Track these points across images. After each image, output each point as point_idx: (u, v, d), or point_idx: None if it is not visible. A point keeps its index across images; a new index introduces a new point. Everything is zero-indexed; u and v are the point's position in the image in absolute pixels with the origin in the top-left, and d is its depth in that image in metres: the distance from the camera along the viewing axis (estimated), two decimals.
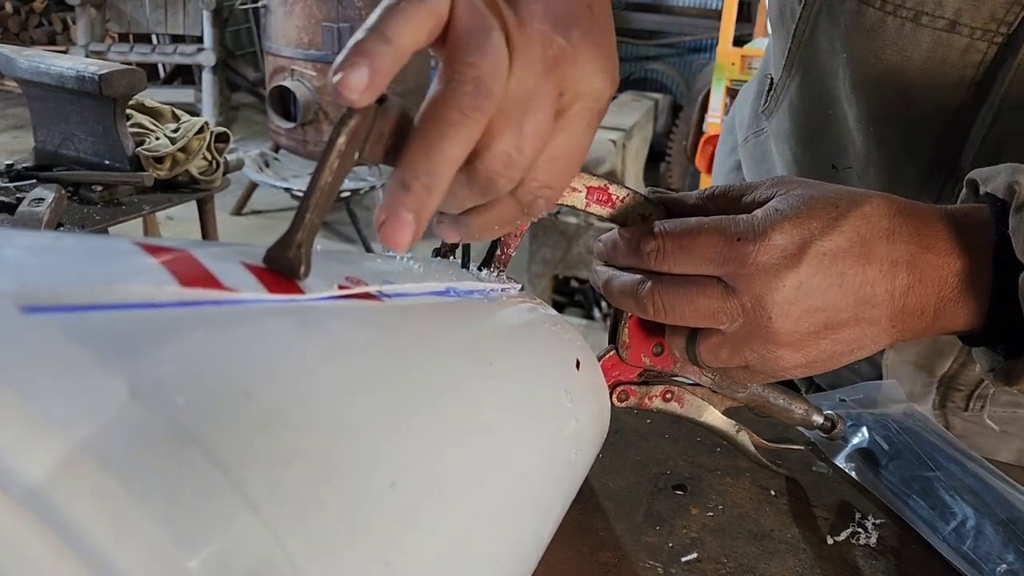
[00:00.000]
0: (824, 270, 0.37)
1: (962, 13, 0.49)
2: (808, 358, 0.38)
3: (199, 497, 0.17)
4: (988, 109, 0.50)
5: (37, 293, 0.18)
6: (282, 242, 0.26)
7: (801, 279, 0.37)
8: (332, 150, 0.27)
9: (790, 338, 0.37)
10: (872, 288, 0.37)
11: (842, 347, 0.38)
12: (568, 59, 0.31)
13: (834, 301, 0.37)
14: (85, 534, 0.15)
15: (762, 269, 0.37)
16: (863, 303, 0.37)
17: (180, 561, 0.16)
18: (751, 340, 0.38)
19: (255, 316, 0.23)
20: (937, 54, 0.50)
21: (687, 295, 0.39)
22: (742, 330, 0.38)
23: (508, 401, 0.32)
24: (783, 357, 0.38)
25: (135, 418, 0.17)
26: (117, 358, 0.18)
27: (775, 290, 0.37)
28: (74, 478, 0.15)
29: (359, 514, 0.21)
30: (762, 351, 0.38)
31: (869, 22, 0.52)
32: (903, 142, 0.55)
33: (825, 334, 0.38)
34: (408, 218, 0.27)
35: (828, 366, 0.39)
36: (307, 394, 0.22)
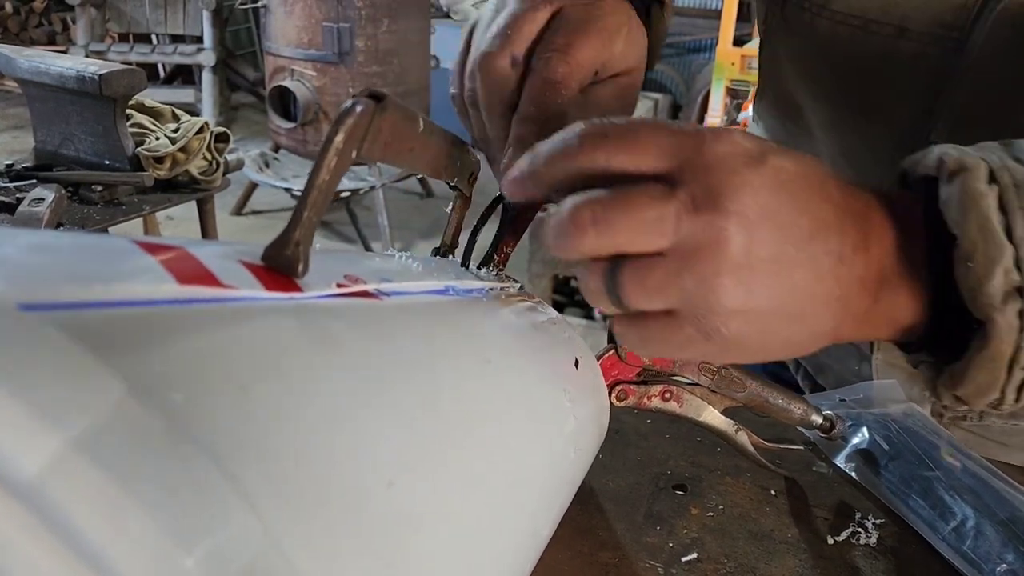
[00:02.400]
0: (786, 186, 0.31)
1: (908, 20, 0.49)
2: (750, 302, 0.31)
3: (195, 494, 0.17)
4: (944, 116, 0.51)
5: (35, 291, 0.18)
6: (280, 240, 0.26)
7: (763, 183, 0.30)
8: (330, 149, 0.27)
9: (740, 261, 0.30)
10: (827, 231, 0.32)
11: (787, 300, 0.31)
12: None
13: (792, 225, 0.31)
14: (80, 531, 0.15)
15: (721, 161, 0.30)
16: (819, 239, 0.32)
17: (176, 558, 0.16)
18: (692, 259, 0.30)
19: (253, 314, 0.23)
20: (889, 61, 0.51)
21: (625, 199, 0.31)
22: (685, 244, 0.30)
23: (506, 400, 0.32)
24: (724, 291, 0.30)
25: (131, 415, 0.17)
26: (113, 355, 0.18)
27: (734, 186, 0.30)
28: (69, 474, 0.15)
29: (356, 512, 0.21)
30: (705, 274, 0.30)
31: (821, 32, 0.53)
32: (866, 149, 0.56)
33: (777, 269, 0.31)
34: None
35: (763, 337, 0.32)
36: (304, 392, 0.22)
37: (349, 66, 2.92)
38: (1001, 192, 0.31)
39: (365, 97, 0.29)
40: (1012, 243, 0.31)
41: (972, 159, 0.32)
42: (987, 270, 0.31)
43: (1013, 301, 0.31)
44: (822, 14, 0.52)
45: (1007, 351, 0.32)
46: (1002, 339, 0.31)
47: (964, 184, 0.32)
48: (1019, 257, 0.31)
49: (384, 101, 0.29)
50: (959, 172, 0.32)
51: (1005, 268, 0.31)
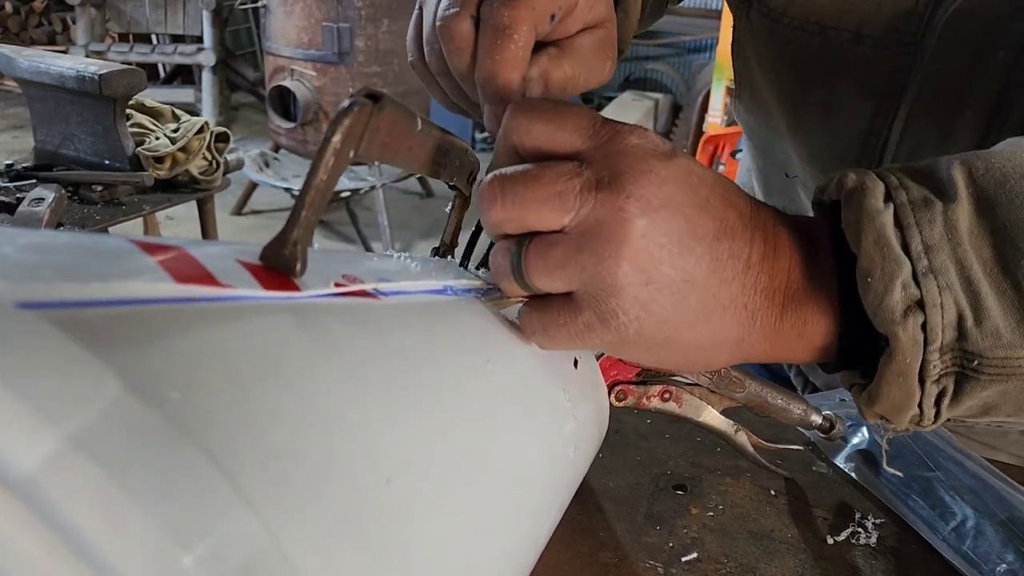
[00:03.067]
0: (694, 186, 0.31)
1: (863, 25, 0.51)
2: (648, 288, 0.31)
3: (193, 491, 0.17)
4: (900, 117, 0.52)
5: (32, 289, 0.18)
6: (278, 240, 0.26)
7: (670, 175, 0.31)
8: (327, 148, 0.27)
9: (639, 243, 0.30)
10: (733, 236, 0.32)
11: (688, 296, 0.31)
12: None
13: (697, 221, 0.31)
14: (77, 527, 0.15)
15: (632, 148, 0.31)
16: (724, 241, 0.32)
17: (173, 554, 0.16)
18: (592, 237, 0.30)
19: (250, 312, 0.23)
20: (847, 65, 0.52)
21: (532, 173, 0.31)
22: (586, 221, 0.31)
23: (505, 399, 0.32)
24: (620, 271, 0.30)
25: (128, 411, 0.17)
26: (110, 352, 0.18)
27: (640, 172, 0.30)
28: (66, 471, 0.15)
29: (354, 510, 0.21)
30: (602, 252, 0.30)
31: (782, 38, 0.55)
32: (830, 151, 0.58)
33: (678, 260, 0.31)
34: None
35: (665, 333, 0.32)
36: (302, 390, 0.22)
37: (349, 66, 2.92)
38: (896, 209, 0.32)
39: (363, 96, 0.29)
40: (909, 258, 0.31)
41: (871, 180, 0.32)
42: (886, 285, 0.31)
43: (914, 315, 0.31)
44: (781, 20, 0.54)
45: (914, 365, 0.31)
46: (906, 353, 0.31)
47: (862, 202, 0.32)
48: (916, 271, 0.31)
49: (382, 100, 0.29)
50: (857, 192, 0.32)
51: (903, 282, 0.31)
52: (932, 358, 0.31)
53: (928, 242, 0.31)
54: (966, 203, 0.31)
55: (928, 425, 0.33)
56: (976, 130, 0.48)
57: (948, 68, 0.48)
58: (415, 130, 0.33)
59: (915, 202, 0.32)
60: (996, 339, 0.30)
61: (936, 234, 0.31)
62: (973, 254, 0.31)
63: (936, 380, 0.32)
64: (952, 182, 0.32)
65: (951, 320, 0.31)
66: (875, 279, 0.31)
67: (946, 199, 0.31)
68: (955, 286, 0.31)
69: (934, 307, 0.31)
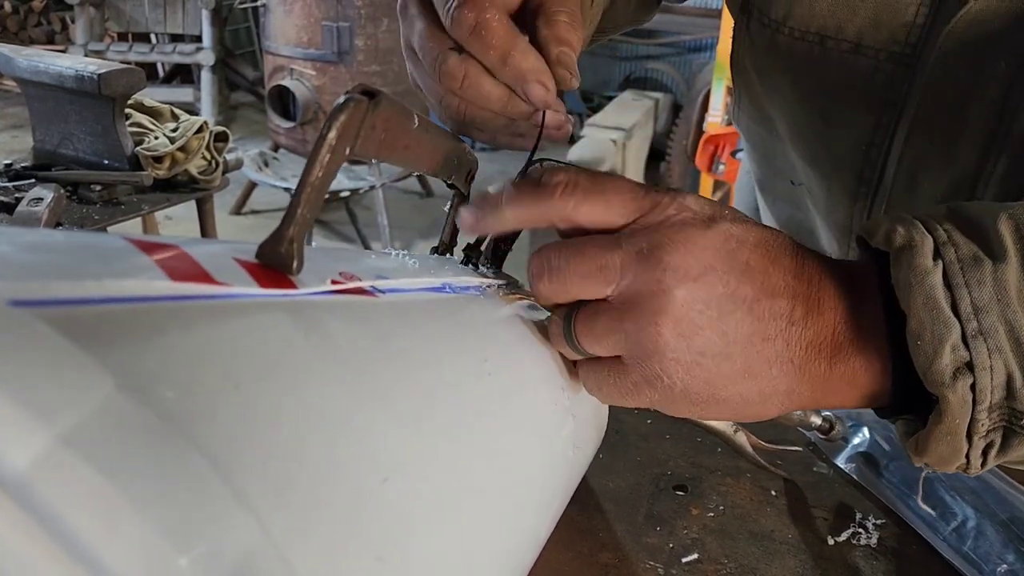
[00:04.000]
0: (729, 251, 0.32)
1: (863, 36, 0.51)
2: (689, 351, 0.32)
3: (187, 490, 0.17)
4: (902, 129, 0.52)
5: (26, 287, 0.18)
6: (274, 237, 0.26)
7: (708, 243, 0.32)
8: (323, 145, 0.27)
9: (679, 312, 0.31)
10: (774, 295, 0.33)
11: (731, 355, 0.32)
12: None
13: (736, 284, 0.32)
14: (71, 526, 0.15)
15: (670, 219, 0.33)
16: (764, 301, 0.32)
17: (168, 553, 0.15)
18: (633, 306, 0.32)
19: (246, 310, 0.23)
20: (847, 76, 0.52)
21: (577, 249, 0.34)
22: (627, 292, 0.32)
23: (503, 398, 0.32)
24: (660, 338, 0.32)
25: (121, 410, 0.16)
26: (103, 350, 0.17)
27: (678, 243, 0.32)
28: (58, 470, 0.15)
29: (350, 509, 0.21)
30: (642, 322, 0.32)
31: (781, 48, 0.55)
32: (830, 161, 0.58)
33: (717, 324, 0.32)
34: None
35: (712, 391, 0.33)
36: (298, 388, 0.22)
37: (349, 65, 2.92)
38: (946, 267, 0.31)
39: (358, 94, 0.29)
40: (959, 320, 0.31)
41: (919, 234, 0.32)
42: (935, 349, 0.31)
43: (963, 377, 0.31)
44: (781, 30, 0.54)
45: (962, 425, 0.31)
46: (955, 415, 0.31)
47: (911, 261, 0.32)
48: (966, 334, 0.31)
49: (377, 98, 0.29)
50: (905, 250, 0.32)
51: (953, 345, 0.31)
52: (980, 416, 0.31)
53: (978, 303, 0.31)
54: (1015, 260, 0.31)
55: (975, 472, 0.34)
56: (978, 143, 0.48)
57: (949, 81, 0.48)
58: (412, 128, 0.33)
59: (964, 260, 0.31)
60: None
61: (986, 295, 0.31)
62: (1023, 314, 0.31)
63: (984, 436, 0.32)
64: (999, 237, 0.31)
65: (1000, 382, 0.31)
66: (924, 341, 0.31)
67: (995, 257, 0.31)
68: (1005, 348, 0.31)
69: (984, 370, 0.30)
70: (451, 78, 0.38)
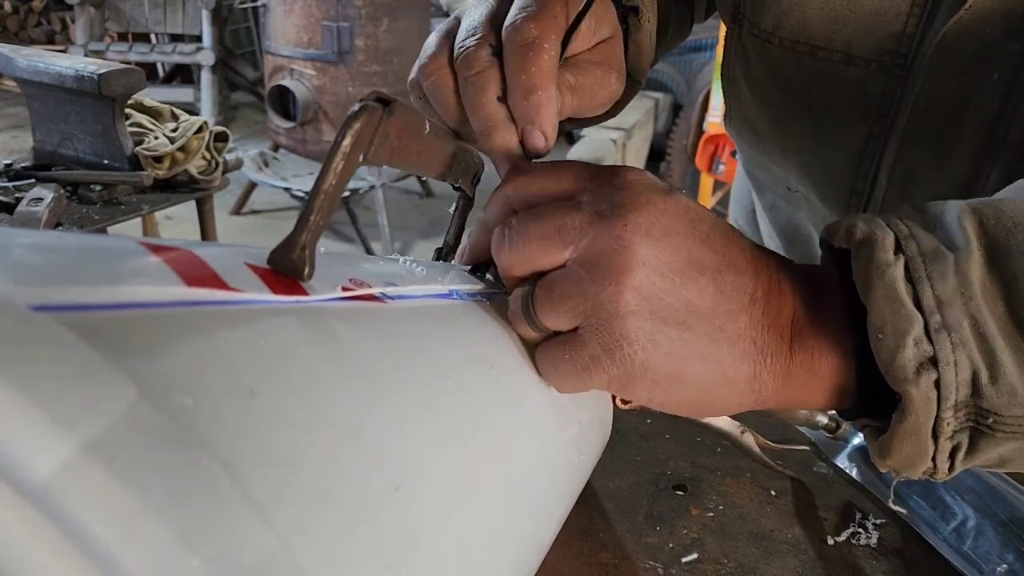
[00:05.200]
0: (690, 219, 0.32)
1: (853, 46, 0.50)
2: (653, 321, 0.31)
3: (204, 497, 0.17)
4: (894, 139, 0.51)
5: (45, 292, 0.18)
6: (286, 244, 0.26)
7: (668, 208, 0.31)
8: (337, 152, 0.27)
9: (641, 271, 0.30)
10: (737, 270, 0.32)
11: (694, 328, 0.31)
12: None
13: (699, 252, 0.31)
14: (92, 535, 0.15)
15: (629, 184, 0.32)
16: (728, 274, 0.32)
17: (184, 561, 0.16)
18: (593, 266, 0.31)
19: (260, 316, 0.23)
20: (838, 86, 0.52)
21: (536, 211, 0.33)
22: (586, 252, 0.31)
23: (510, 404, 0.32)
24: (622, 299, 0.30)
25: (143, 418, 0.17)
26: (124, 357, 0.18)
27: (640, 204, 0.31)
28: (81, 478, 0.15)
29: (363, 517, 0.21)
30: (603, 281, 0.30)
31: (772, 58, 0.55)
32: (822, 172, 0.58)
33: (679, 289, 0.31)
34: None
35: (673, 367, 0.31)
36: (311, 395, 0.22)
37: (349, 65, 2.91)
38: (907, 262, 0.30)
39: (373, 101, 0.29)
40: (922, 313, 0.30)
41: (880, 230, 0.31)
42: (897, 342, 0.30)
43: (927, 372, 0.30)
44: (772, 40, 0.54)
45: (927, 424, 0.30)
46: (919, 412, 0.30)
47: (871, 255, 0.31)
48: (928, 327, 0.30)
49: (392, 105, 0.29)
50: (866, 244, 0.31)
51: (916, 339, 0.30)
52: (946, 415, 0.30)
53: (941, 297, 0.30)
54: (978, 255, 0.30)
55: (942, 477, 0.32)
56: (972, 153, 0.48)
57: (940, 91, 0.48)
58: (423, 133, 0.33)
59: (926, 254, 0.30)
60: (1012, 397, 0.29)
61: (949, 288, 0.30)
62: (987, 309, 0.30)
63: (950, 437, 0.31)
64: (964, 232, 0.31)
65: (965, 378, 0.30)
66: (886, 335, 0.30)
67: (957, 251, 0.30)
68: (969, 342, 0.30)
69: (948, 365, 0.29)
70: (469, 63, 0.37)
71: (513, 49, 0.37)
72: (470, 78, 0.37)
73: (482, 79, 0.37)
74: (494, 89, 0.37)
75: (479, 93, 0.37)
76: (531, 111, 0.36)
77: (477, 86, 0.37)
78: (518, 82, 0.36)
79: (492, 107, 0.37)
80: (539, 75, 0.36)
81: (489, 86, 0.37)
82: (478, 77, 0.37)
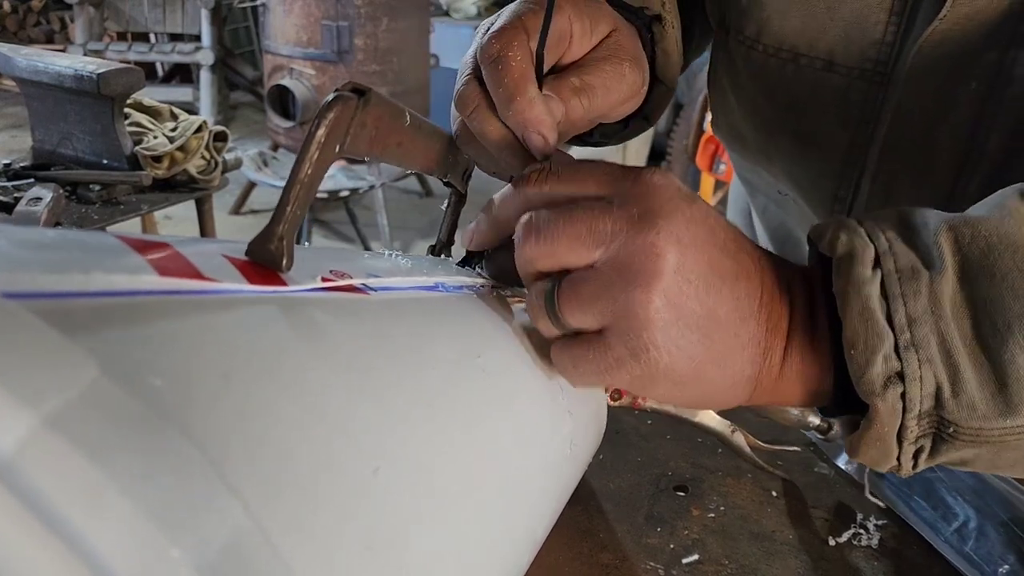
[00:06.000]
0: (711, 228, 0.33)
1: (835, 53, 0.50)
2: (677, 324, 0.31)
3: (175, 474, 0.17)
4: (875, 147, 0.52)
5: (17, 280, 0.18)
6: (264, 235, 0.26)
7: (694, 216, 0.32)
8: (311, 143, 0.27)
9: (670, 278, 0.31)
10: (748, 277, 0.33)
11: (713, 332, 0.32)
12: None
13: (719, 261, 0.32)
14: (57, 508, 0.15)
15: (658, 188, 0.32)
16: (742, 281, 0.33)
17: (155, 537, 0.15)
18: (624, 270, 0.31)
19: (235, 304, 0.23)
20: (820, 94, 0.52)
21: (569, 209, 0.33)
22: (617, 256, 0.31)
23: (497, 393, 0.32)
24: (651, 305, 0.31)
25: (106, 395, 0.17)
26: (89, 339, 0.18)
27: (670, 211, 0.31)
28: (44, 452, 0.15)
29: (339, 498, 0.21)
30: (633, 286, 0.31)
31: (756, 64, 0.55)
32: (807, 178, 0.58)
33: (703, 296, 0.32)
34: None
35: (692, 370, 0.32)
36: (287, 379, 0.22)
37: (348, 65, 2.91)
38: (884, 278, 0.32)
39: (348, 91, 0.29)
40: (893, 331, 0.31)
41: (861, 243, 0.33)
42: (868, 358, 0.31)
43: (894, 386, 0.31)
44: (756, 47, 0.54)
45: (891, 432, 0.32)
46: (884, 423, 0.32)
47: (850, 271, 0.32)
48: (898, 344, 0.31)
49: (367, 95, 0.29)
50: (846, 259, 0.33)
51: (885, 355, 0.31)
52: (910, 424, 0.32)
53: (912, 315, 0.31)
54: (951, 273, 0.32)
55: (906, 474, 0.34)
56: (951, 162, 0.48)
57: (919, 99, 0.48)
58: (403, 125, 0.33)
59: (902, 271, 0.32)
60: (971, 411, 0.31)
61: (920, 307, 0.31)
62: (955, 326, 0.31)
63: (913, 442, 0.33)
64: (939, 248, 0.32)
65: (929, 391, 0.31)
66: (858, 351, 0.32)
67: (932, 268, 0.32)
68: (935, 359, 0.31)
69: (914, 380, 0.31)
70: (463, 103, 0.38)
71: (484, 68, 0.37)
72: (469, 118, 0.38)
73: (477, 114, 0.38)
74: (490, 117, 0.38)
75: (481, 126, 0.38)
76: (518, 118, 0.37)
77: (477, 121, 0.38)
78: (497, 96, 0.37)
79: (497, 133, 0.38)
80: (512, 83, 0.36)
81: (486, 117, 0.38)
82: (474, 113, 0.38)
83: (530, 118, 0.36)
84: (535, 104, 0.37)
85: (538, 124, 0.37)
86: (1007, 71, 0.44)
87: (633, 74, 0.42)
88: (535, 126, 0.37)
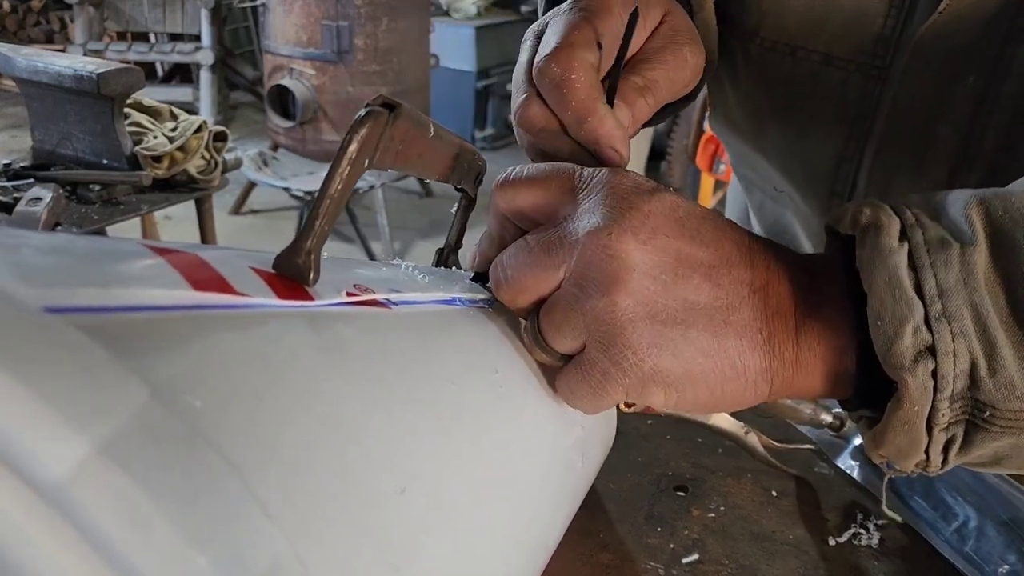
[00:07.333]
0: (677, 219, 0.32)
1: (833, 47, 0.50)
2: (655, 325, 0.30)
3: (214, 499, 0.17)
4: (872, 143, 0.51)
5: (57, 294, 0.18)
6: (292, 248, 0.26)
7: (653, 209, 0.31)
8: (343, 157, 0.27)
9: (632, 277, 0.30)
10: (731, 263, 0.32)
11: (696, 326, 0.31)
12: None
13: (689, 249, 0.31)
14: (105, 533, 0.15)
15: (611, 191, 0.32)
16: (723, 268, 0.32)
17: (194, 560, 0.16)
18: (587, 283, 0.31)
19: (266, 320, 0.23)
20: (818, 88, 0.52)
21: (522, 241, 0.33)
22: (577, 270, 0.31)
23: (513, 408, 0.32)
24: (618, 308, 0.30)
25: (154, 420, 0.17)
26: (134, 359, 0.18)
27: (621, 209, 0.31)
28: (95, 478, 0.15)
29: (369, 519, 0.21)
30: (597, 296, 0.30)
31: (754, 58, 0.55)
32: (804, 174, 0.58)
33: (674, 290, 0.31)
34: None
35: (683, 367, 0.31)
36: (317, 398, 0.22)
37: (348, 65, 2.91)
38: (911, 249, 0.30)
39: (379, 106, 0.29)
40: (922, 301, 0.29)
41: (886, 215, 0.31)
42: (896, 329, 0.29)
43: (924, 361, 0.29)
44: (754, 40, 0.54)
45: (922, 413, 0.30)
46: (914, 401, 0.29)
47: (875, 241, 0.31)
48: (929, 316, 0.29)
49: (397, 109, 0.29)
50: (871, 229, 0.31)
51: (915, 327, 0.29)
52: (942, 406, 0.29)
53: (943, 285, 0.29)
54: (983, 246, 0.30)
55: (934, 471, 0.32)
56: (948, 158, 0.48)
57: (917, 94, 0.48)
58: (427, 137, 0.33)
59: (931, 243, 0.30)
60: (1010, 391, 0.29)
61: (952, 277, 0.29)
62: (990, 300, 0.29)
63: (945, 428, 0.30)
64: (970, 222, 0.30)
65: (963, 368, 0.29)
66: (885, 322, 0.30)
67: (963, 240, 0.30)
68: (970, 333, 0.29)
69: (946, 354, 0.29)
70: (529, 124, 0.38)
71: (547, 92, 0.38)
72: (538, 137, 0.39)
73: (546, 134, 0.38)
74: (561, 136, 0.38)
75: (553, 144, 0.39)
76: (590, 136, 0.37)
77: (547, 140, 0.39)
78: (566, 119, 0.37)
79: (569, 149, 0.38)
80: (580, 106, 0.36)
81: (556, 136, 0.38)
82: (542, 133, 0.38)
83: (603, 134, 0.37)
84: (606, 121, 0.37)
85: (610, 140, 0.37)
86: (1005, 66, 0.44)
87: (695, 57, 0.42)
88: (608, 141, 0.37)
